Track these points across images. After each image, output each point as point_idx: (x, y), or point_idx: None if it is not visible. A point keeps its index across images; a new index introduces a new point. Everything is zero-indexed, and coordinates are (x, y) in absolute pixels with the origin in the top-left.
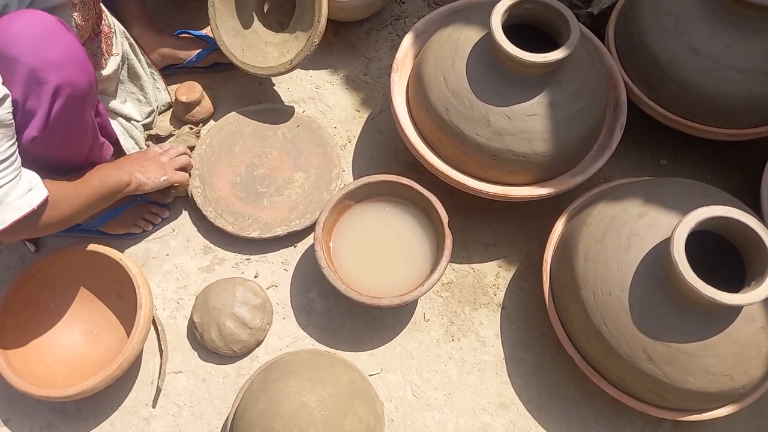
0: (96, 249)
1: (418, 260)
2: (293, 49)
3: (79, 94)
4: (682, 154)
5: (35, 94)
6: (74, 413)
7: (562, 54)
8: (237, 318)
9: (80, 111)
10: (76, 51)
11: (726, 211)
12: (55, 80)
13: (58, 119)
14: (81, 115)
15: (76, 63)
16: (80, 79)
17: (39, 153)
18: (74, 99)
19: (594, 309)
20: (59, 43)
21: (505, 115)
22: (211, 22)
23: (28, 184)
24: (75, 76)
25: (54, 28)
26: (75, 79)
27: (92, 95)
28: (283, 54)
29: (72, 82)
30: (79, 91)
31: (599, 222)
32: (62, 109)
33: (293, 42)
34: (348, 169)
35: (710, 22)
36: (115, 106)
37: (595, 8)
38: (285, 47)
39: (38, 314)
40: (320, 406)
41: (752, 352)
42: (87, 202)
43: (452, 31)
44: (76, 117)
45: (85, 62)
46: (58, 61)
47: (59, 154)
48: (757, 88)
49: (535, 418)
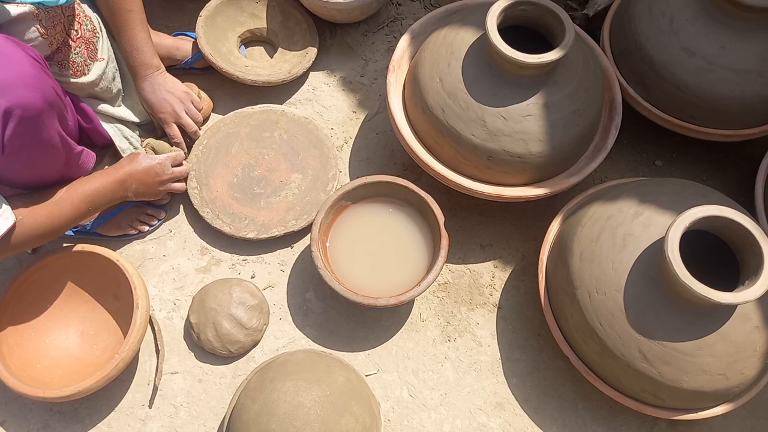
0: (92, 250)
1: (414, 261)
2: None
3: (32, 113)
4: (677, 154)
5: None
6: (71, 414)
7: (557, 55)
8: (234, 318)
9: (39, 130)
10: (24, 70)
11: (720, 210)
12: (3, 104)
13: (15, 142)
14: (41, 134)
15: (25, 83)
16: (32, 98)
17: (6, 176)
18: (28, 119)
19: (589, 309)
20: (4, 65)
21: (500, 115)
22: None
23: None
24: (25, 96)
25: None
26: (26, 99)
27: (50, 112)
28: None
29: (23, 104)
30: (33, 111)
31: (594, 222)
32: (16, 131)
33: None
34: (345, 170)
35: (704, 23)
36: (107, 109)
37: (590, 10)
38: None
39: (35, 315)
40: (316, 406)
41: (747, 351)
42: (69, 219)
43: (448, 32)
44: (36, 136)
45: (36, 80)
46: (3, 84)
47: (29, 174)
48: (750, 88)
49: (531, 418)
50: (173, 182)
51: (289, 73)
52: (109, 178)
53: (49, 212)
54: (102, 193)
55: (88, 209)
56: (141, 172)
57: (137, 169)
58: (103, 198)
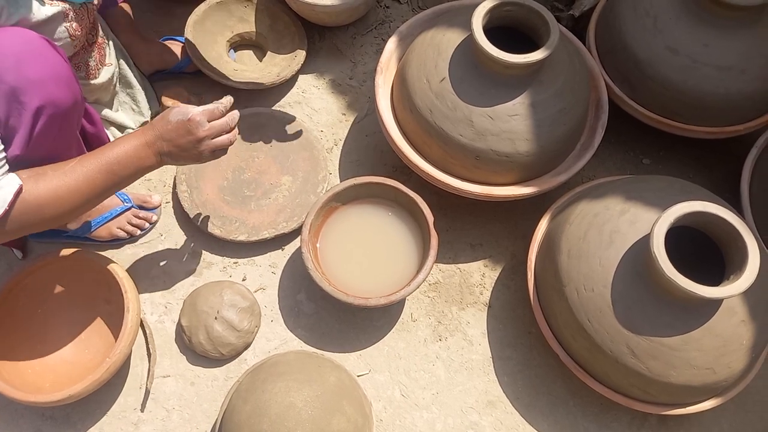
0: (83, 254)
1: (404, 261)
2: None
3: (61, 112)
4: (664, 152)
5: (17, 113)
6: (63, 419)
7: (542, 55)
8: (225, 321)
9: (63, 128)
10: (59, 69)
11: (704, 206)
12: (37, 100)
13: (41, 137)
14: (64, 132)
15: (58, 81)
16: (63, 97)
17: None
18: (57, 117)
19: (578, 305)
20: (42, 62)
21: (487, 115)
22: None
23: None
24: (58, 94)
25: (37, 46)
26: (58, 97)
27: (76, 112)
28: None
29: (54, 102)
30: (62, 110)
31: (581, 220)
32: (44, 127)
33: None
34: (334, 172)
35: (688, 21)
36: (108, 114)
37: (576, 10)
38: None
39: (26, 320)
40: (308, 406)
41: (733, 345)
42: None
43: (435, 33)
44: (60, 134)
45: (69, 80)
46: (40, 80)
47: None
48: (734, 86)
49: (522, 415)
50: (214, 139)
51: (278, 77)
52: (132, 143)
53: (56, 186)
54: (124, 162)
55: (107, 182)
56: (171, 130)
57: (166, 127)
58: (127, 167)
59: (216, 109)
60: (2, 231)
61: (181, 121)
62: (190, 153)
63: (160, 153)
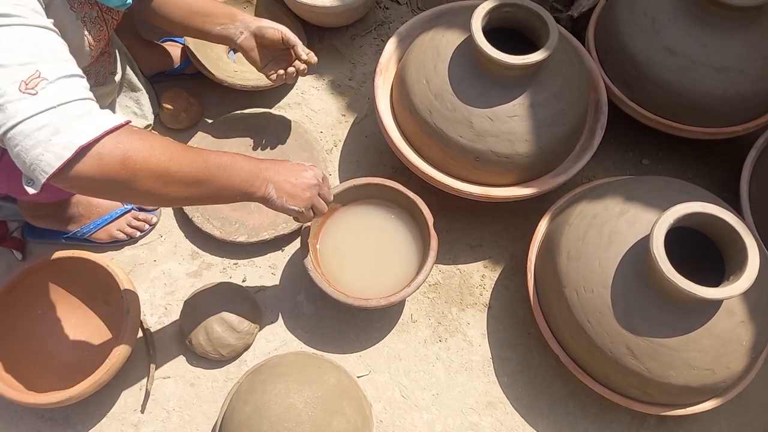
0: (83, 256)
1: (404, 262)
2: None
3: None
4: (663, 153)
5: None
6: (62, 420)
7: (541, 56)
8: (225, 322)
9: None
10: None
11: (703, 207)
12: None
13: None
14: None
15: None
16: None
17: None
18: None
19: (577, 306)
20: None
21: (486, 116)
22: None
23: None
24: None
25: None
26: None
27: None
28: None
29: None
30: None
31: (581, 221)
32: None
33: None
34: (334, 173)
35: (685, 21)
36: None
37: (575, 11)
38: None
39: (25, 321)
40: (308, 407)
41: (733, 345)
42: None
43: (434, 35)
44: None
45: None
46: None
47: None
48: (732, 86)
49: (522, 416)
50: (313, 204)
51: None
52: (252, 168)
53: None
54: (234, 170)
55: (209, 177)
56: (288, 165)
57: (287, 169)
58: (234, 180)
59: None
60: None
61: (300, 164)
62: (296, 192)
63: (269, 180)
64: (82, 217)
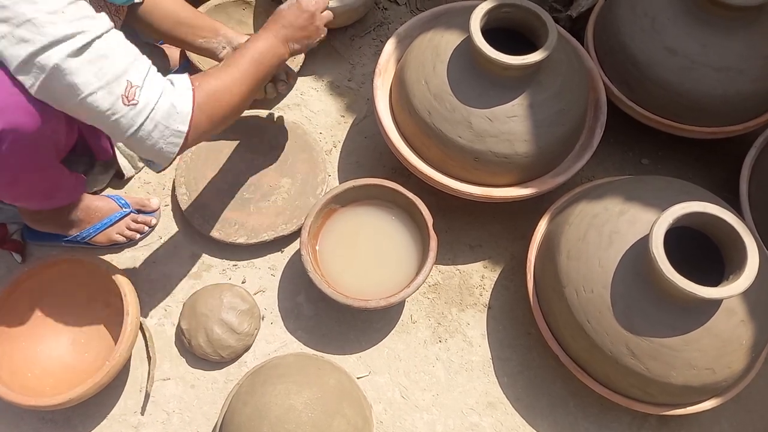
0: (82, 258)
1: (404, 262)
2: None
3: (25, 136)
4: (663, 152)
5: None
6: (63, 422)
7: (541, 56)
8: (225, 324)
9: (32, 152)
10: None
11: (703, 206)
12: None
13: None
14: (33, 156)
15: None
16: (25, 122)
17: None
18: (20, 141)
19: (577, 306)
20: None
21: (486, 117)
22: None
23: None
24: (19, 120)
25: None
26: (19, 123)
27: (44, 137)
28: None
29: (16, 128)
30: (26, 134)
31: (581, 220)
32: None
33: None
34: (334, 174)
35: (686, 21)
36: None
37: (574, 11)
38: None
39: (25, 324)
40: (308, 409)
41: (733, 345)
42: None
43: (433, 35)
44: (27, 158)
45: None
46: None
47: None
48: (732, 86)
49: (522, 416)
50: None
51: None
52: (264, 37)
53: (223, 79)
54: (267, 54)
55: (259, 73)
56: (287, 16)
57: (286, 17)
58: (270, 58)
59: None
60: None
61: (292, 4)
62: (309, 30)
63: (287, 39)
64: (81, 222)
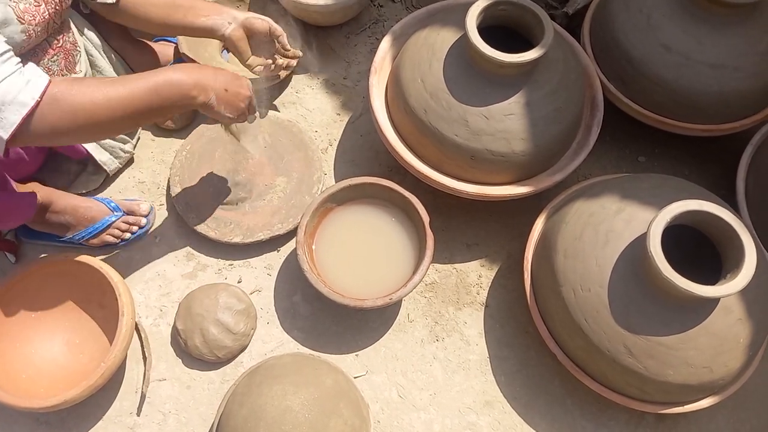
0: (77, 258)
1: (400, 261)
2: None
3: None
4: (659, 150)
5: None
6: (58, 424)
7: (537, 54)
8: (221, 324)
9: None
10: None
11: (700, 204)
12: None
13: None
14: None
15: None
16: None
17: None
18: None
19: (574, 305)
20: None
21: (482, 115)
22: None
23: (27, 76)
24: None
25: None
26: None
27: None
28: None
29: None
30: None
31: (577, 219)
32: None
33: None
34: (329, 173)
35: (681, 18)
36: None
37: (570, 8)
38: None
39: (19, 325)
40: (305, 410)
41: (730, 343)
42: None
43: (429, 33)
44: None
45: None
46: None
47: None
48: (727, 83)
49: (520, 415)
50: (250, 108)
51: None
52: (185, 69)
53: (93, 91)
54: (174, 85)
55: (151, 101)
56: (226, 74)
57: (224, 73)
58: (174, 91)
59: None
60: (33, 132)
61: (234, 74)
62: (234, 102)
63: (209, 88)
64: (73, 226)
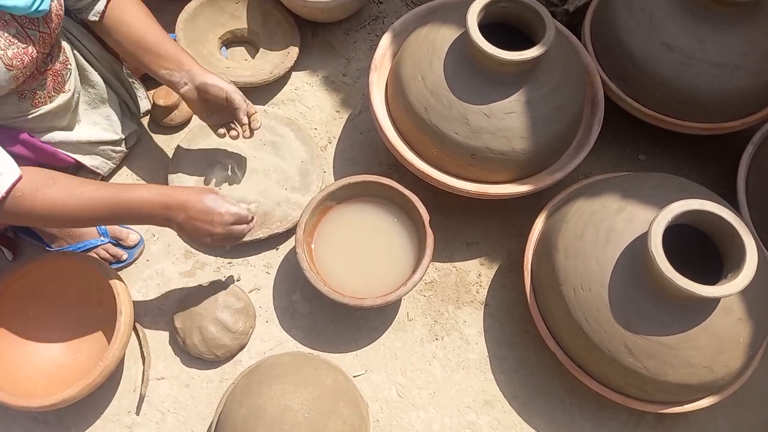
0: (75, 257)
1: (400, 260)
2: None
3: None
4: (660, 149)
5: None
6: (56, 423)
7: (538, 52)
8: (219, 322)
9: None
10: None
11: (701, 204)
12: None
13: None
14: None
15: None
16: None
17: None
18: None
19: (575, 305)
20: None
21: (483, 113)
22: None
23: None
24: None
25: None
26: None
27: None
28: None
29: None
30: None
31: (578, 218)
32: None
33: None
34: (329, 170)
35: (683, 17)
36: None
37: (571, 6)
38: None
39: (17, 324)
40: (304, 409)
41: (730, 343)
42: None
43: (429, 30)
44: None
45: None
46: None
47: None
48: (729, 82)
49: (519, 414)
50: (225, 240)
51: (270, 74)
52: (154, 197)
53: (53, 203)
54: (135, 210)
55: (107, 219)
56: (197, 210)
57: (194, 205)
58: (135, 216)
59: (246, 216)
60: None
61: (211, 210)
62: (197, 237)
63: (172, 220)
64: (59, 239)
